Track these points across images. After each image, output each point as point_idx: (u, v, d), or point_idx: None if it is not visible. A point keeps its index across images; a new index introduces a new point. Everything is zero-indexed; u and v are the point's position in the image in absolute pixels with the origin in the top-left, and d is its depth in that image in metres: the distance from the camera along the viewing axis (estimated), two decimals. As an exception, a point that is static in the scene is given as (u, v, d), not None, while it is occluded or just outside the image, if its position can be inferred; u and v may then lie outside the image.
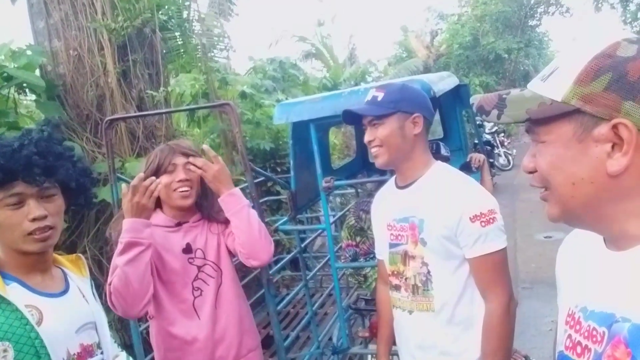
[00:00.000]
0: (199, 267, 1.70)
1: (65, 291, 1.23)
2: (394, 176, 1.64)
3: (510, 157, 11.17)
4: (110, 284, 1.54)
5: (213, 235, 1.77)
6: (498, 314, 1.42)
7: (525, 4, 16.15)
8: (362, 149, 3.58)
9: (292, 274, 4.15)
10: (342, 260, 2.58)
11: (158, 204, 1.71)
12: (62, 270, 1.28)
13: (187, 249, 1.71)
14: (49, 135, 1.19)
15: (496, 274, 1.43)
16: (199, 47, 5.14)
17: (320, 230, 3.48)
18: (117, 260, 1.53)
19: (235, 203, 1.67)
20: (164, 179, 1.66)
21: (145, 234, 1.54)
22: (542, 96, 0.69)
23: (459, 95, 3.19)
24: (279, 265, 2.83)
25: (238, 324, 1.74)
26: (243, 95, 5.42)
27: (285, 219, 2.64)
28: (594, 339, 0.70)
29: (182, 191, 1.67)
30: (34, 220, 1.12)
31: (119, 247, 1.53)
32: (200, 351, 1.68)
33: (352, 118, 1.56)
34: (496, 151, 10.91)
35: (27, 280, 1.16)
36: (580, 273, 0.80)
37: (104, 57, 3.63)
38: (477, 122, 8.72)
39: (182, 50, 5.08)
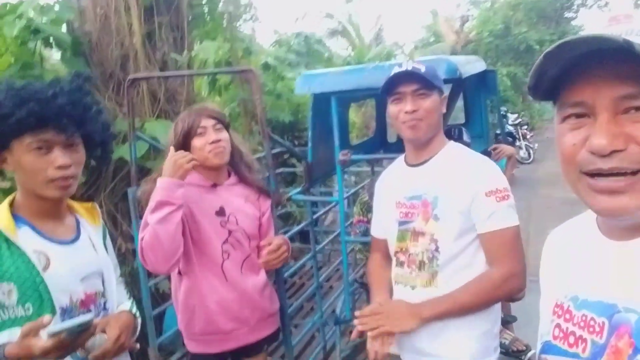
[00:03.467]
0: (230, 232, 1.74)
1: (75, 239, 1.26)
2: (403, 154, 1.63)
3: (531, 151, 10.99)
4: (141, 240, 1.58)
5: (248, 204, 1.81)
6: (493, 274, 1.42)
7: (562, -5, 15.62)
8: (382, 128, 3.56)
9: (301, 245, 4.19)
10: (352, 236, 2.60)
11: None
12: (76, 218, 1.31)
13: (221, 212, 1.74)
14: (79, 87, 1.21)
15: (507, 248, 1.42)
16: (226, 15, 5.10)
17: (332, 205, 3.50)
18: (149, 218, 1.56)
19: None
20: (196, 141, 1.70)
21: (177, 194, 1.56)
22: None
23: (485, 81, 3.13)
24: (287, 234, 2.85)
25: (262, 289, 1.81)
26: (266, 66, 5.40)
27: (298, 190, 2.66)
28: (591, 329, 0.68)
29: (218, 150, 1.71)
30: (59, 167, 1.14)
31: (151, 204, 1.56)
32: (226, 311, 1.74)
33: (388, 87, 1.48)
34: (517, 143, 10.74)
35: (39, 225, 1.19)
36: (568, 264, 0.78)
37: (130, 18, 3.63)
38: (501, 113, 8.61)
39: (207, 17, 5.05)
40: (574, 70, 0.63)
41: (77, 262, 1.23)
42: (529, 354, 2.76)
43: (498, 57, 15.29)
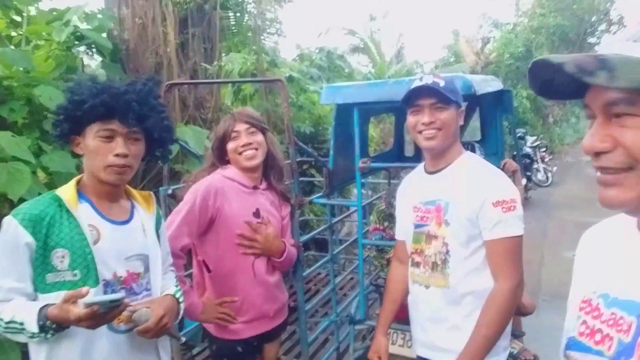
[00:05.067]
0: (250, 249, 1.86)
1: (127, 221, 1.39)
2: (423, 162, 1.74)
3: (549, 174, 10.92)
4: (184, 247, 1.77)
5: (274, 208, 1.95)
6: (504, 292, 1.51)
7: (586, 20, 15.63)
8: (399, 142, 3.68)
9: (316, 253, 4.31)
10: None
11: (229, 161, 1.89)
12: (132, 203, 1.44)
13: (257, 214, 1.88)
14: (149, 89, 1.35)
15: (510, 257, 1.52)
16: (253, 28, 5.33)
17: (349, 212, 3.60)
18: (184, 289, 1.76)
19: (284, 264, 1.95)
20: (230, 145, 1.85)
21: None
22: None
23: (501, 101, 3.23)
24: (303, 240, 2.96)
25: (278, 282, 1.95)
26: (290, 79, 5.59)
27: (318, 194, 2.79)
28: (619, 328, 0.67)
29: (247, 153, 1.84)
30: (116, 155, 1.29)
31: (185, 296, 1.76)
32: (251, 304, 1.86)
33: (408, 99, 1.60)
34: (535, 166, 10.70)
35: (97, 204, 1.34)
36: (602, 260, 0.77)
37: (166, 28, 3.86)
38: (518, 135, 8.62)
39: (235, 30, 5.28)
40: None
41: (125, 241, 1.36)
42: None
43: (518, 79, 15.31)
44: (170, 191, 2.55)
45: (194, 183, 1.87)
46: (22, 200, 2.49)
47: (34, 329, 1.16)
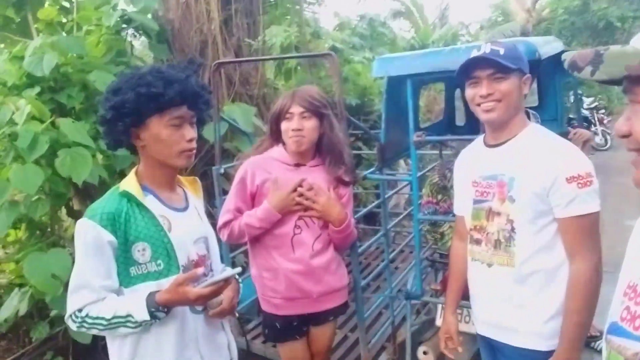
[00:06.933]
0: (305, 208, 1.86)
1: (185, 208, 1.44)
2: (482, 135, 1.65)
3: (608, 137, 10.30)
4: (229, 222, 1.88)
5: (330, 187, 1.90)
6: (585, 273, 1.43)
7: (650, -34, 14.26)
8: (450, 111, 3.55)
9: (365, 227, 4.29)
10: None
11: (282, 139, 1.89)
12: (184, 190, 1.48)
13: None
14: (196, 71, 1.36)
15: (587, 235, 1.44)
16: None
17: (401, 186, 3.53)
18: (247, 221, 1.85)
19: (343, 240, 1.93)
20: (283, 125, 1.85)
21: (270, 223, 1.85)
22: None
23: (561, 62, 3.02)
24: (356, 216, 2.95)
25: (327, 266, 1.91)
26: (333, 49, 5.47)
27: (372, 169, 2.75)
28: None
29: (294, 140, 1.83)
30: (189, 141, 1.32)
31: (254, 220, 1.84)
32: (289, 281, 1.87)
33: (464, 71, 1.51)
34: (593, 129, 10.11)
35: (160, 194, 1.38)
36: None
37: (209, 5, 3.84)
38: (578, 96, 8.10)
39: (275, 2, 5.20)
40: None
41: (190, 227, 1.41)
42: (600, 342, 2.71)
43: (573, 35, 14.29)
44: (222, 170, 2.59)
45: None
46: (85, 183, 2.61)
47: (144, 317, 1.23)
